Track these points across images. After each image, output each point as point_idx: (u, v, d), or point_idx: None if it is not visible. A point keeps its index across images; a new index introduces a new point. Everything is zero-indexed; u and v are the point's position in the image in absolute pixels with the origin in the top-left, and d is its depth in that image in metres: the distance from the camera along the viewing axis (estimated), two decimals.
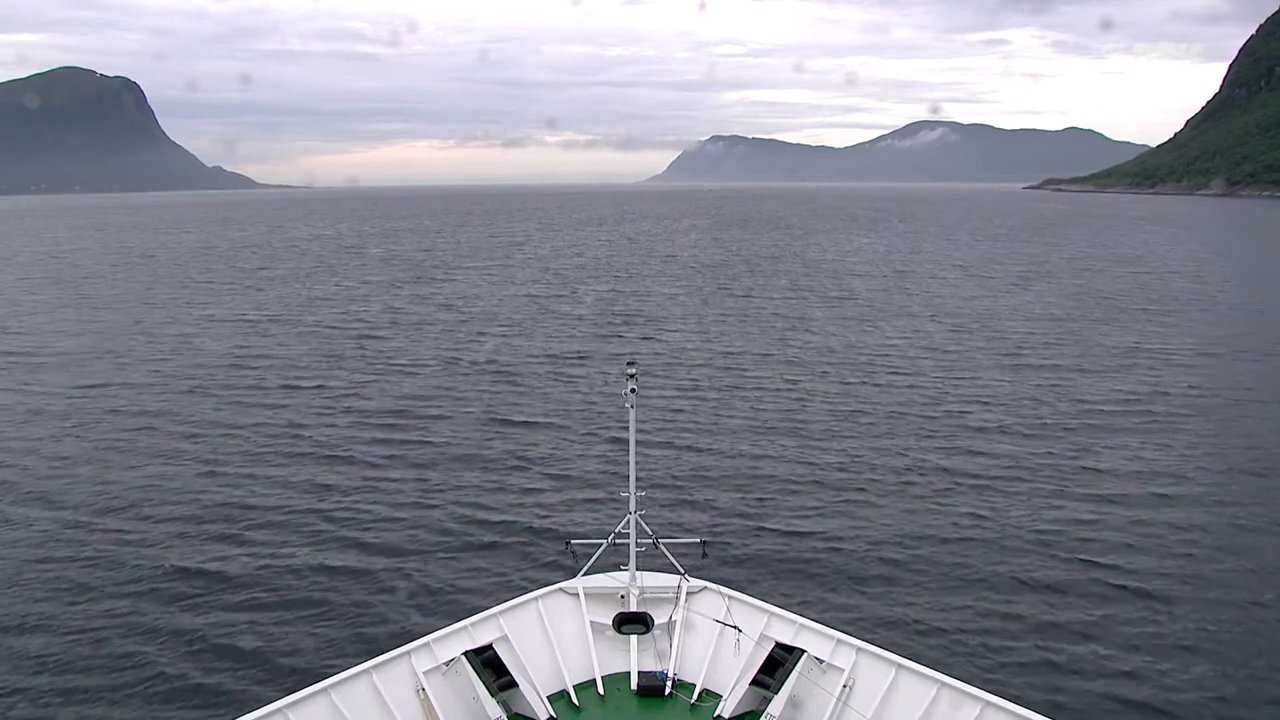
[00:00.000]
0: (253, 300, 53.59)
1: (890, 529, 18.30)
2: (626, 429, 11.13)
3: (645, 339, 39.51)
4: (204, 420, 26.73)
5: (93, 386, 31.44)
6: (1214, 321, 45.59)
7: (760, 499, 20.03)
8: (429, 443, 24.61)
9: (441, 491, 20.77)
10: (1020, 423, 25.81)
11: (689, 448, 23.76)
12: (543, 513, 19.44)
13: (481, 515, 19.28)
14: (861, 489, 20.66)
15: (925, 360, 34.72)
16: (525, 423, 26.50)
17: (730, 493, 20.40)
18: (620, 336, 40.16)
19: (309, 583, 16.13)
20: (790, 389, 30.45)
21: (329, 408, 28.04)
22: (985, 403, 28.17)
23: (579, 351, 36.71)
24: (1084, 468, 21.98)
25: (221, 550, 17.62)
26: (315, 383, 31.48)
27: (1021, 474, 21.54)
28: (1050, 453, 23.14)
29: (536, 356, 35.77)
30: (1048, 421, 25.91)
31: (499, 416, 27.09)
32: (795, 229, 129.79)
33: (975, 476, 21.40)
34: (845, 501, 19.88)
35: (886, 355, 35.65)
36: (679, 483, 21.00)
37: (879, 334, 40.61)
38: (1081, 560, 16.79)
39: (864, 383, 31.18)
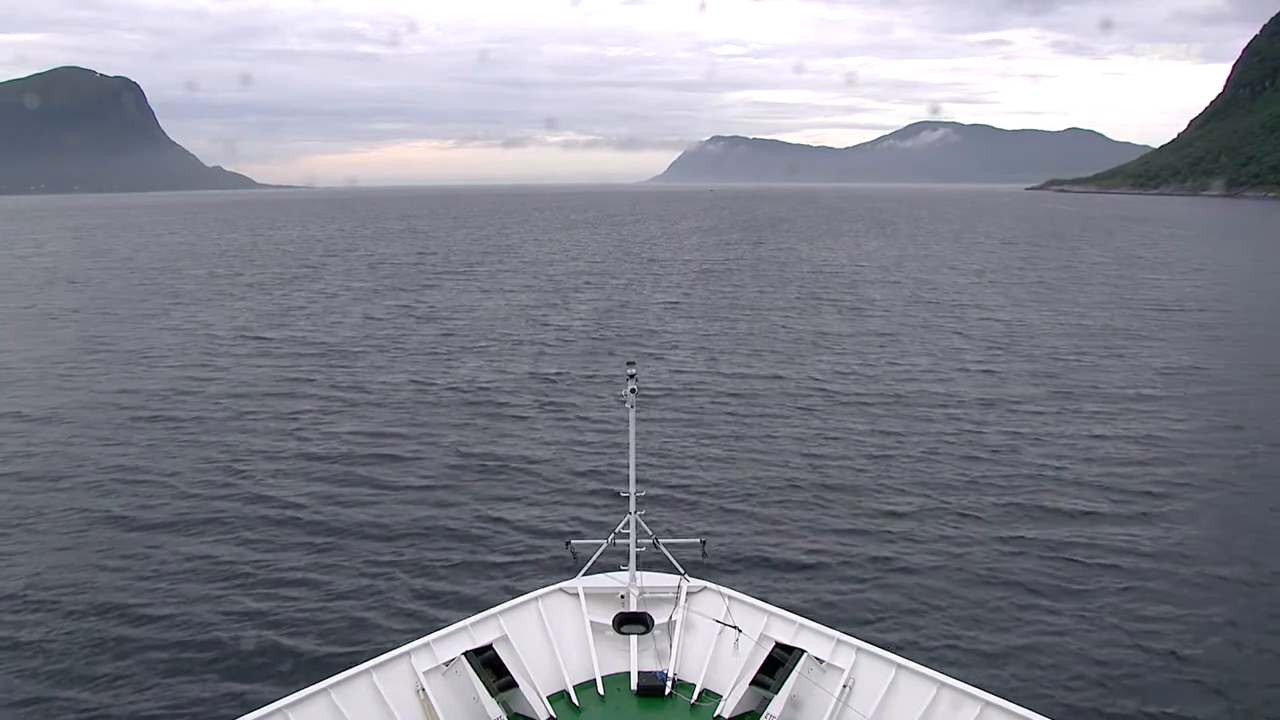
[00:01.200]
0: (222, 311, 49.68)
1: (944, 621, 14.42)
2: (626, 430, 11.05)
3: (643, 355, 35.56)
4: (131, 466, 22.80)
5: (11, 417, 27.53)
6: (1273, 338, 41.69)
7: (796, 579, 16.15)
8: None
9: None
10: (1088, 471, 21.80)
11: (694, 496, 19.87)
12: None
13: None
14: (906, 566, 16.76)
15: (960, 384, 30.80)
16: (511, 445, 22.92)
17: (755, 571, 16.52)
18: (613, 354, 36.18)
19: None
20: (805, 415, 26.55)
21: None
22: (1039, 441, 24.23)
23: (568, 372, 32.82)
24: (1187, 537, 17.95)
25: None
26: (270, 409, 27.61)
27: (1103, 539, 17.62)
28: (1130, 514, 19.21)
29: (522, 376, 31.89)
30: (1119, 469, 21.89)
31: (476, 450, 23.21)
32: (802, 232, 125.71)
33: (1047, 546, 17.46)
34: (886, 588, 15.98)
35: (913, 378, 31.69)
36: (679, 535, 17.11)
37: (902, 350, 36.68)
38: (1220, 685, 12.86)
39: (892, 412, 27.25)
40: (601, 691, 9.17)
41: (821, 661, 9.08)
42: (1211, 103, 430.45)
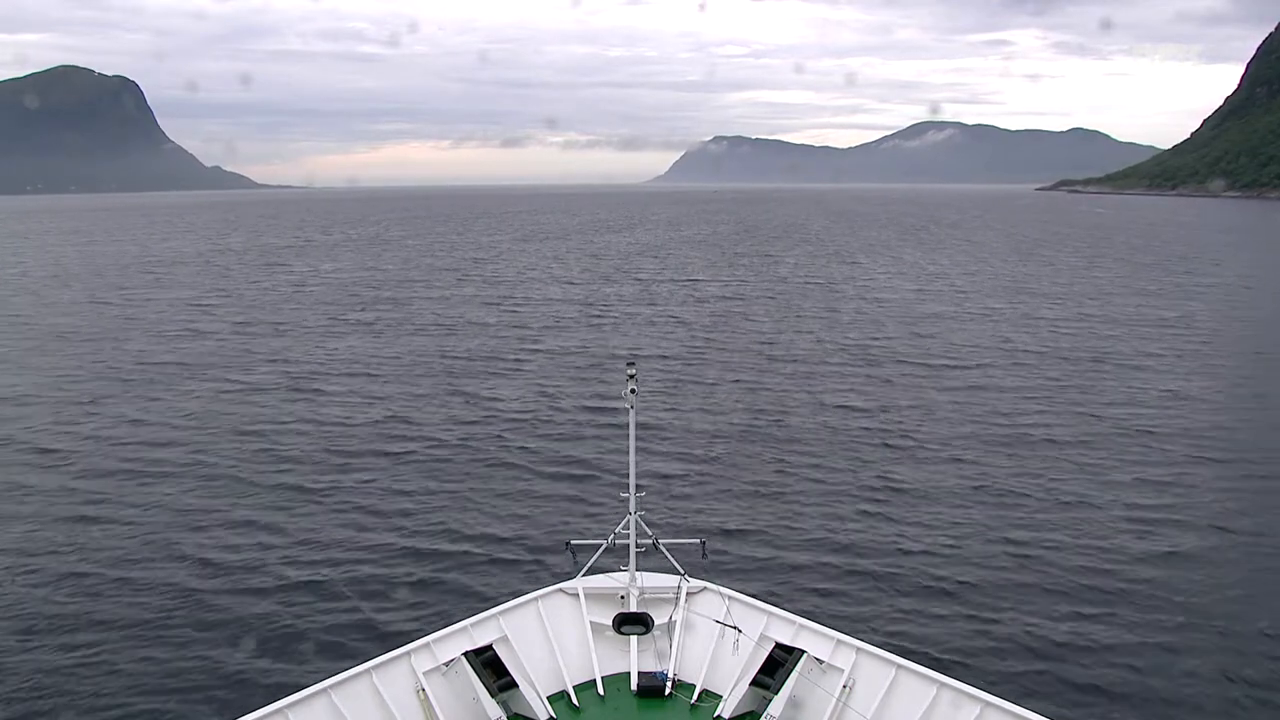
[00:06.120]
0: (51, 366, 35.20)
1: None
2: (626, 430, 10.95)
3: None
4: None
5: None
6: None
7: None
8: None
9: None
10: None
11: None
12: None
13: None
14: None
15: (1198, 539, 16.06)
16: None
17: None
18: (580, 477, 21.31)
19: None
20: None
21: None
22: None
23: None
24: None
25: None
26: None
27: None
28: None
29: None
30: None
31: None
32: (822, 240, 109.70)
33: None
34: None
35: (1092, 516, 16.83)
36: None
37: (1070, 466, 21.77)
38: None
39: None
40: (601, 692, 9.10)
41: (821, 662, 8.98)
42: (1226, 100, 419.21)
